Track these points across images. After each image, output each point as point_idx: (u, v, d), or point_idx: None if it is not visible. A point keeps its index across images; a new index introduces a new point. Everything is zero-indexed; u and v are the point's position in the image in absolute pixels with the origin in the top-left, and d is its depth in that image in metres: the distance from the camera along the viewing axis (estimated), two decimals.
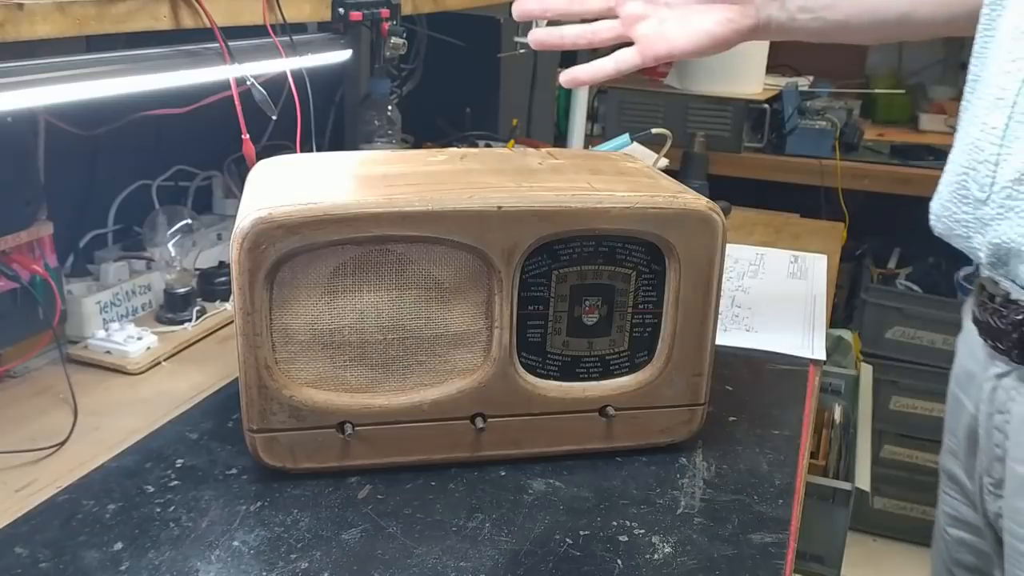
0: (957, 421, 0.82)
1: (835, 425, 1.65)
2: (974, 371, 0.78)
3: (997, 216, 0.67)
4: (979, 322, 0.75)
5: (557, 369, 0.75)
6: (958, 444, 0.82)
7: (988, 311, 0.73)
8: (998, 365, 0.74)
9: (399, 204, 0.67)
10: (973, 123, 0.70)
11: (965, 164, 0.71)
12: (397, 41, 1.22)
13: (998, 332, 0.72)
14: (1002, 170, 0.67)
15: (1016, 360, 0.71)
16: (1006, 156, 0.66)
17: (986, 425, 0.76)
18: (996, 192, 0.67)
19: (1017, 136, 0.66)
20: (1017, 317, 0.69)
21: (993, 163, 0.67)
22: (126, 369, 0.93)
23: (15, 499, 0.71)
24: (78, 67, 0.80)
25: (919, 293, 2.22)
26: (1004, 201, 0.66)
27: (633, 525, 0.69)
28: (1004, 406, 0.73)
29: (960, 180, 0.71)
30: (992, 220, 0.68)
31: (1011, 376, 0.72)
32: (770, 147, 2.21)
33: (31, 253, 0.92)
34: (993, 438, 0.75)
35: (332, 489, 0.72)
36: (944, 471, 0.87)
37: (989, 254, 0.69)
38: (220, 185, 1.29)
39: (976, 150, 0.69)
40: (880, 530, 2.28)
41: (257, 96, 0.95)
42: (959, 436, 0.82)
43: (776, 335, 1.05)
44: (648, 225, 0.71)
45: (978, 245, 0.70)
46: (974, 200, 0.69)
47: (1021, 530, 0.72)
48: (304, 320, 0.69)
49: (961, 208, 0.71)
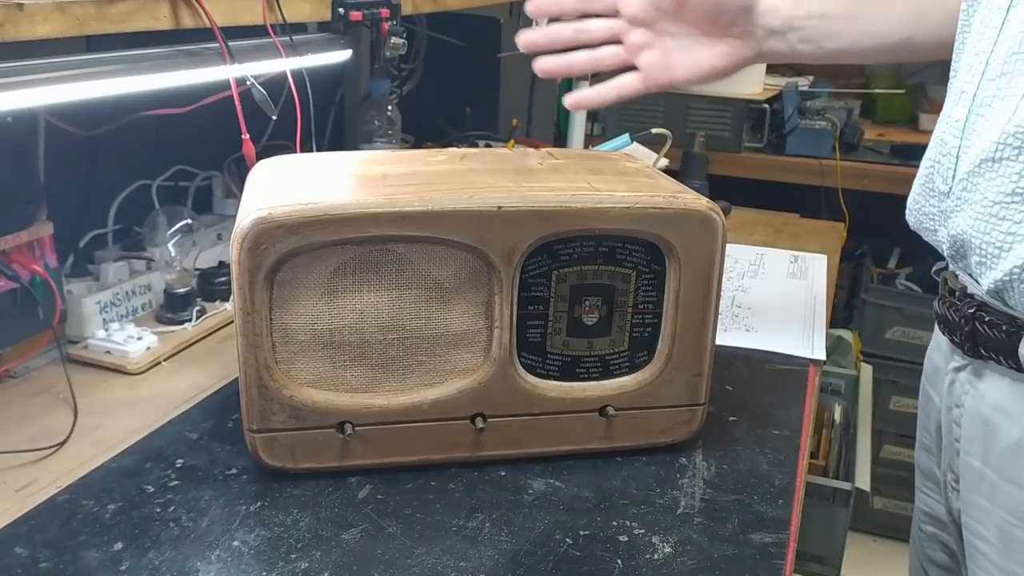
0: (928, 416, 0.83)
1: (835, 425, 1.65)
2: (939, 364, 0.78)
3: (955, 208, 0.68)
4: (938, 315, 0.75)
5: (557, 369, 0.75)
6: (930, 439, 0.83)
7: (946, 304, 0.73)
8: (956, 359, 0.74)
9: (399, 204, 0.67)
10: (942, 117, 0.71)
11: (932, 158, 0.71)
12: (397, 41, 1.22)
13: (953, 325, 0.72)
14: (961, 163, 0.67)
15: (969, 353, 0.71)
16: (965, 148, 0.67)
17: (946, 420, 0.76)
18: (955, 184, 0.68)
19: (975, 129, 0.66)
20: (969, 310, 0.69)
21: (954, 156, 0.68)
22: (126, 369, 0.93)
23: (15, 499, 0.71)
24: (78, 67, 0.80)
25: (919, 293, 2.22)
26: (961, 193, 0.67)
27: (633, 525, 0.69)
28: (960, 400, 0.73)
29: (927, 173, 0.72)
30: (952, 212, 0.68)
31: (966, 370, 0.72)
32: (770, 147, 2.20)
33: (31, 253, 0.92)
34: (952, 432, 0.75)
35: (332, 489, 0.72)
36: (918, 466, 0.88)
37: (949, 247, 0.70)
38: (220, 185, 1.29)
39: (941, 143, 0.70)
40: (880, 530, 2.28)
41: (257, 96, 0.95)
42: (930, 431, 0.82)
43: (776, 335, 1.05)
44: (648, 225, 0.71)
45: (942, 238, 0.70)
46: (939, 193, 0.70)
47: (976, 525, 0.72)
48: (304, 320, 0.69)
49: (929, 201, 0.72)
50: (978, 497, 0.71)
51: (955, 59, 0.73)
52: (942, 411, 0.77)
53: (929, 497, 0.86)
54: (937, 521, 0.84)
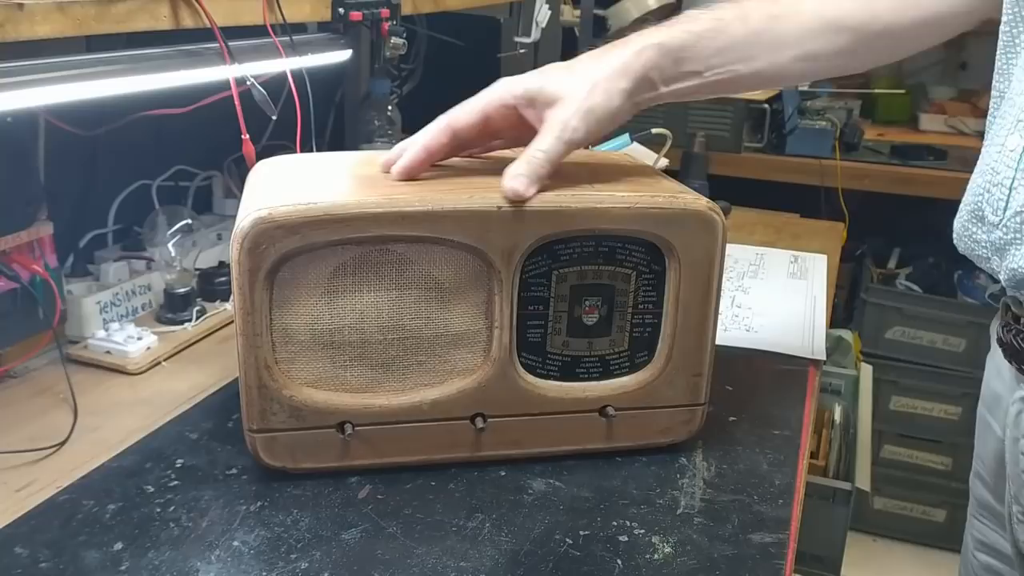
0: (985, 445, 0.79)
1: (835, 425, 1.65)
2: (1000, 393, 0.75)
3: (1012, 241, 0.65)
4: (1003, 343, 0.73)
5: (557, 369, 0.75)
6: (986, 469, 0.80)
7: (1012, 332, 0.71)
8: (1022, 388, 0.71)
9: (399, 204, 0.67)
10: (993, 143, 0.68)
11: (982, 186, 0.69)
12: (397, 41, 1.22)
13: (1020, 354, 0.70)
14: (1016, 194, 0.64)
15: None
16: (1021, 180, 0.64)
17: (1012, 451, 0.73)
18: (1009, 217, 0.65)
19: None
20: None
21: (1007, 187, 0.65)
22: (126, 369, 0.93)
23: (15, 499, 0.71)
24: (78, 67, 0.80)
25: (919, 293, 2.22)
26: (1018, 226, 0.64)
27: (633, 525, 0.69)
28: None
29: (976, 202, 0.69)
30: (1007, 245, 0.66)
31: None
32: (770, 147, 2.20)
33: (31, 253, 0.92)
34: (1020, 464, 0.72)
35: (332, 489, 0.72)
36: (974, 495, 0.84)
37: (1008, 278, 0.67)
38: (220, 185, 1.29)
39: (993, 172, 0.67)
40: (880, 530, 2.28)
41: (257, 96, 0.95)
42: (986, 460, 0.79)
43: (776, 335, 1.05)
44: (648, 225, 0.71)
45: (997, 267, 0.68)
46: (988, 224, 0.68)
47: None
48: (304, 320, 0.69)
49: (979, 229, 0.69)
50: None
51: (999, 79, 0.70)
52: (1006, 441, 0.74)
53: (985, 526, 0.82)
54: (994, 552, 0.81)
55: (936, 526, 2.24)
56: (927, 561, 2.22)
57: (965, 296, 2.20)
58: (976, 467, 0.83)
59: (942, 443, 2.19)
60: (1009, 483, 0.75)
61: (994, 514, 0.80)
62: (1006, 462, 0.75)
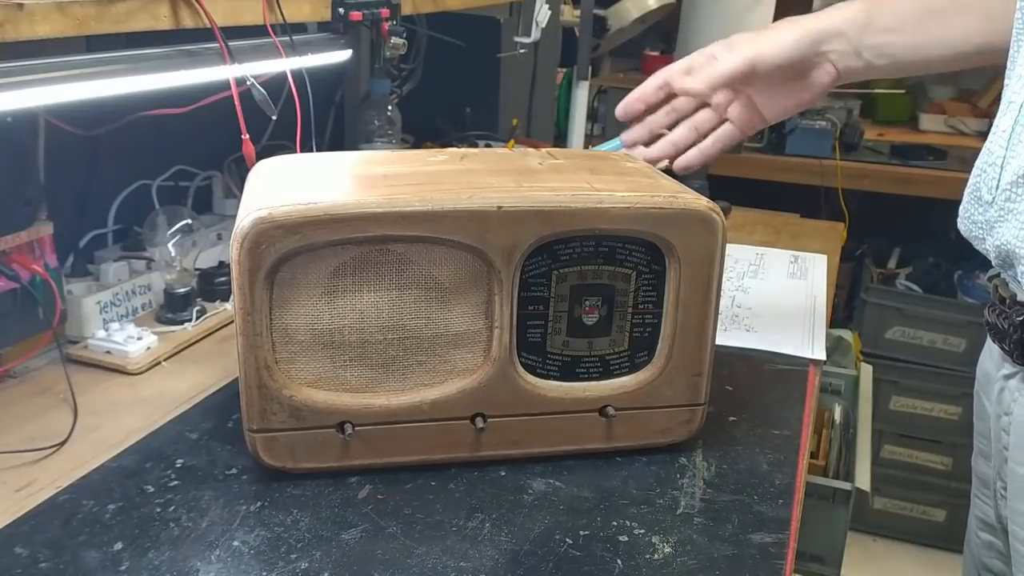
0: (983, 422, 0.82)
1: (835, 425, 1.65)
2: (991, 372, 0.78)
3: (999, 218, 0.68)
4: (989, 323, 0.75)
5: (557, 369, 0.75)
6: (987, 445, 0.82)
7: (996, 312, 0.73)
8: (1006, 367, 0.74)
9: (399, 204, 0.67)
10: (994, 128, 0.71)
11: (979, 167, 0.71)
12: (397, 41, 1.22)
13: (1003, 333, 0.72)
14: (1005, 172, 0.67)
15: (1018, 361, 0.71)
16: (1010, 159, 0.67)
17: (995, 427, 0.76)
18: (999, 194, 0.67)
19: (1020, 139, 0.66)
20: (1019, 318, 0.69)
21: (999, 165, 0.68)
22: (126, 369, 0.93)
23: (15, 499, 0.71)
24: (78, 67, 0.80)
25: (919, 293, 2.23)
26: (1004, 203, 0.67)
27: (633, 525, 0.69)
28: (1008, 407, 0.73)
29: (975, 183, 0.72)
30: (996, 222, 0.68)
31: (1016, 378, 0.72)
32: (770, 147, 2.21)
33: (31, 253, 0.92)
34: (1001, 440, 0.75)
35: (332, 489, 0.72)
36: (976, 474, 0.87)
37: (996, 256, 0.69)
38: (220, 185, 1.29)
39: (988, 153, 0.70)
40: (880, 530, 2.28)
41: (257, 96, 0.95)
42: (987, 437, 0.81)
43: (776, 335, 1.05)
44: (648, 225, 0.71)
45: (989, 247, 0.70)
46: (984, 203, 0.70)
47: (1021, 532, 0.72)
48: (304, 320, 0.69)
49: (976, 210, 0.72)
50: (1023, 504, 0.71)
51: (1009, 68, 0.72)
52: (991, 419, 0.77)
53: (985, 504, 0.85)
54: (992, 528, 0.83)
55: (936, 526, 2.24)
56: (927, 561, 2.22)
57: (965, 296, 2.20)
58: (978, 445, 0.86)
59: (942, 443, 2.19)
60: (994, 458, 0.77)
61: (991, 490, 0.82)
62: (991, 439, 0.77)
